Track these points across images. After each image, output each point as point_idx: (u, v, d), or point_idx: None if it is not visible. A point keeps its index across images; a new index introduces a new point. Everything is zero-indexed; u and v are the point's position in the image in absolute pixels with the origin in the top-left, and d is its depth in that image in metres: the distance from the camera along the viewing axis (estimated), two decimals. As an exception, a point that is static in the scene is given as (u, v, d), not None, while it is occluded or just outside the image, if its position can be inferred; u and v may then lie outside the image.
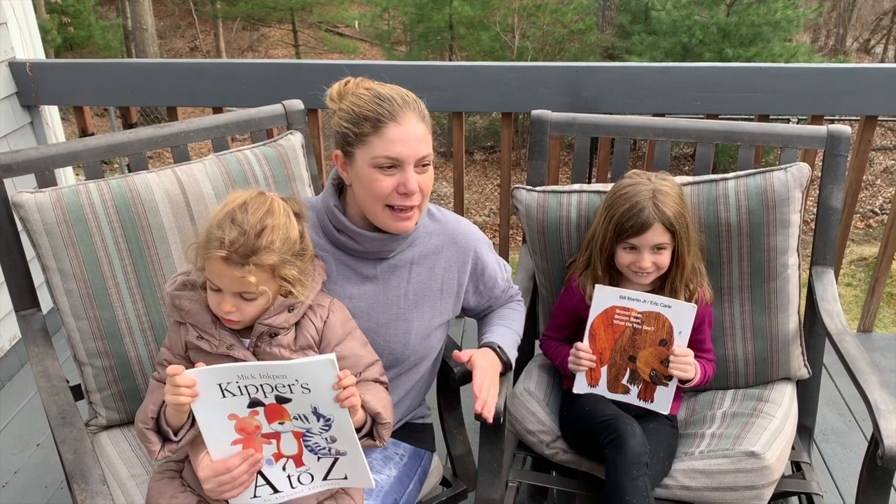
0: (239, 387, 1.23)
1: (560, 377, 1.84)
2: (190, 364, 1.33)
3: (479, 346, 1.58)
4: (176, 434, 1.33)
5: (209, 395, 1.24)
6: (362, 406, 1.32)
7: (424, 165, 1.41)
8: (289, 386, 1.23)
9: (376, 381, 1.44)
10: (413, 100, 1.41)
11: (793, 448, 1.73)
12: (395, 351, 1.54)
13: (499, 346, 1.56)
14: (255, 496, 1.32)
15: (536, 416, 1.75)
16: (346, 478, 1.34)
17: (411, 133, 1.37)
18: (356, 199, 1.46)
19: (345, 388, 1.24)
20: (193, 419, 1.32)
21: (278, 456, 1.31)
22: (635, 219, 1.61)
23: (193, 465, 1.35)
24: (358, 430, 1.34)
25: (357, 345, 1.44)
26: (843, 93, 2.50)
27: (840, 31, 17.46)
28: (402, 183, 1.38)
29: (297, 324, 1.39)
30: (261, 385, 1.23)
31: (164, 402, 1.32)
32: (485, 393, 1.42)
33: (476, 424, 1.55)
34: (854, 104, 2.54)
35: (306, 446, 1.31)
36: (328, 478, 1.34)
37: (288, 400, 1.25)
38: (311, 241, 1.42)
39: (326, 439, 1.29)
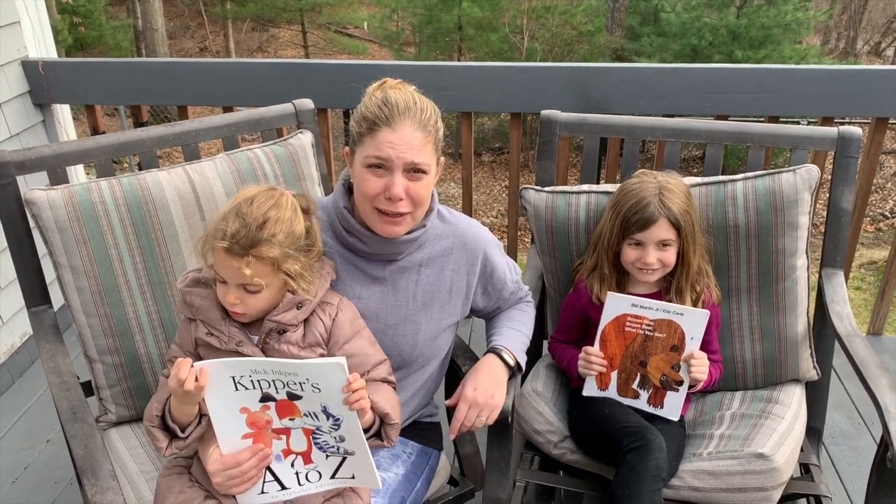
0: (252, 381, 1.24)
1: (568, 377, 1.83)
2: (200, 360, 1.33)
3: (486, 351, 1.58)
4: (183, 431, 1.34)
5: (222, 387, 1.25)
6: (371, 407, 1.32)
7: (416, 172, 1.41)
8: (300, 384, 1.24)
9: (384, 380, 1.45)
10: (420, 108, 1.41)
11: (801, 450, 1.73)
12: (404, 352, 1.54)
13: (505, 349, 1.56)
14: (262, 492, 1.33)
15: (544, 416, 1.75)
16: (353, 477, 1.34)
17: (404, 139, 1.38)
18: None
19: (354, 392, 1.25)
20: (201, 417, 1.33)
21: (287, 452, 1.32)
22: (641, 213, 1.62)
23: (203, 459, 1.35)
24: (366, 430, 1.34)
25: (365, 343, 1.44)
26: (854, 94, 2.49)
27: (850, 33, 17.38)
28: (388, 187, 1.39)
29: (305, 321, 1.39)
30: (273, 381, 1.24)
31: (168, 399, 1.33)
32: (468, 423, 1.47)
33: (484, 424, 1.56)
34: (864, 106, 2.53)
35: (315, 444, 1.31)
36: (336, 476, 1.34)
37: (299, 397, 1.26)
38: (320, 239, 1.43)
39: (335, 438, 1.30)
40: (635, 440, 1.53)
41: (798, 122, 4.00)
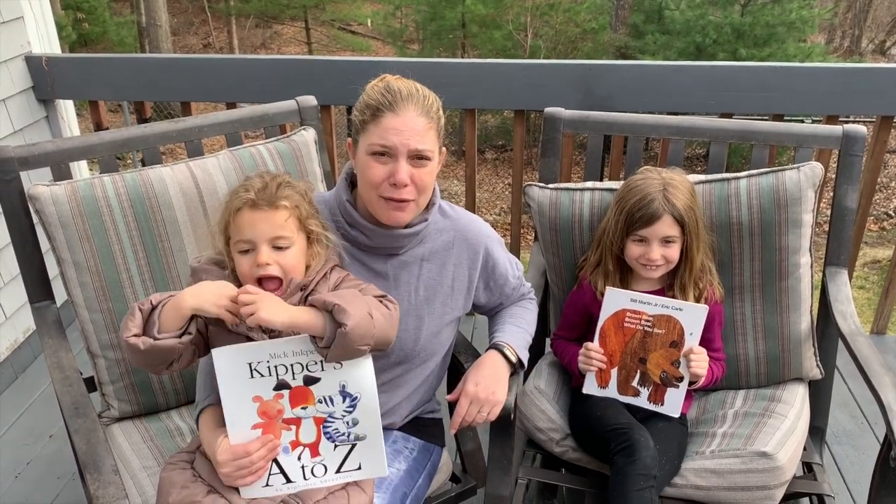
0: (269, 367, 1.26)
1: (570, 375, 1.83)
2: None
3: (488, 347, 1.58)
4: (160, 332, 1.27)
5: (238, 374, 1.26)
6: (315, 304, 1.26)
7: (420, 159, 1.41)
8: (320, 362, 1.25)
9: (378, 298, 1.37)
10: (422, 95, 1.42)
11: (804, 449, 1.73)
12: (406, 347, 1.54)
13: (507, 346, 1.56)
14: (267, 485, 1.33)
15: (546, 413, 1.75)
16: (359, 468, 1.35)
17: (407, 125, 1.38)
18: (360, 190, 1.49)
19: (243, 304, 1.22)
20: (182, 334, 1.28)
21: (295, 444, 1.33)
22: (645, 209, 1.62)
23: (209, 451, 1.35)
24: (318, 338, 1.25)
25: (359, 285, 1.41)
26: (858, 93, 2.48)
27: (855, 32, 17.33)
28: (393, 173, 1.39)
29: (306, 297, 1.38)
30: (291, 364, 1.26)
31: (166, 300, 1.29)
32: (469, 419, 1.47)
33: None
34: (869, 104, 2.52)
35: (325, 433, 1.32)
36: (341, 470, 1.34)
37: (316, 380, 1.27)
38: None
39: (348, 423, 1.31)
40: (622, 441, 1.54)
41: (802, 121, 4.00)
